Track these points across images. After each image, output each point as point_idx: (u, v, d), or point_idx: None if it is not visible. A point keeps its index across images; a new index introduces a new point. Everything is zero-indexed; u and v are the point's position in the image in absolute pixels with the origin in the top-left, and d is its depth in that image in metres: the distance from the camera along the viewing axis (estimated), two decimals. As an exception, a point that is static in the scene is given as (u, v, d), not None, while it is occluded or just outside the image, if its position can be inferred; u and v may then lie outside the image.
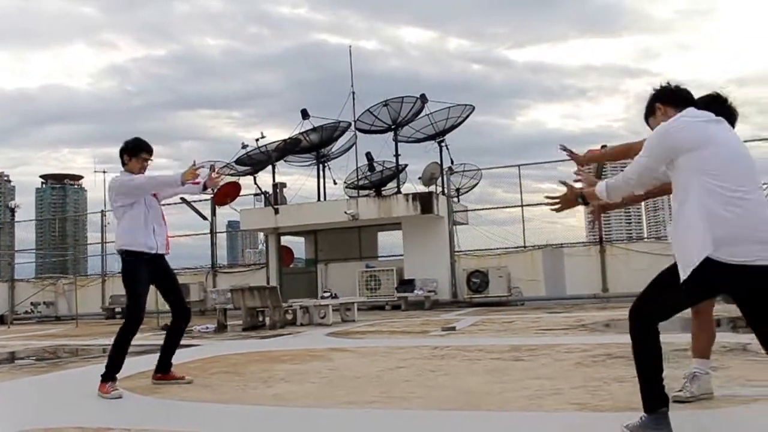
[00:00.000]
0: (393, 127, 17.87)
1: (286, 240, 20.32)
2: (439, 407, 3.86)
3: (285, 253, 20.26)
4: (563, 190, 3.24)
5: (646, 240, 17.30)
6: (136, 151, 5.07)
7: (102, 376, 4.67)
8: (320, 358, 6.57)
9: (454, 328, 9.58)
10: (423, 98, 18.17)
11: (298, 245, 21.83)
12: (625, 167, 3.07)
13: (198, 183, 5.09)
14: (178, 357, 5.41)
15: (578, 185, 3.31)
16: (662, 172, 2.88)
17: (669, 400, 2.86)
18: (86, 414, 4.24)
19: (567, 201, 3.24)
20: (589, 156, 3.79)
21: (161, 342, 5.31)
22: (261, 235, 22.38)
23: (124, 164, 5.11)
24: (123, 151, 5.10)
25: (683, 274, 2.68)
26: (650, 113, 3.04)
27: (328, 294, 12.87)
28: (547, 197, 3.36)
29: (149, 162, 5.15)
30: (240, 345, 8.55)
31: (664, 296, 2.85)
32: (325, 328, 10.90)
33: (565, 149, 3.67)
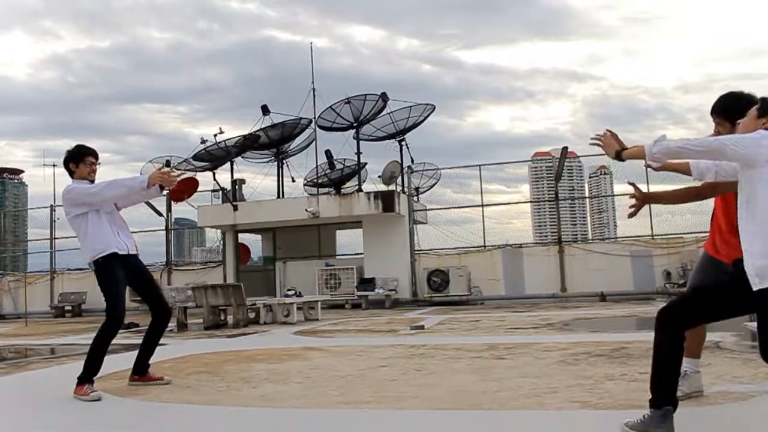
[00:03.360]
0: (355, 125, 17.75)
1: (241, 238, 19.98)
2: (438, 407, 3.79)
3: (241, 251, 19.93)
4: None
5: (606, 241, 17.57)
6: (80, 157, 4.81)
7: (79, 377, 4.45)
8: (297, 358, 6.44)
9: (423, 327, 9.56)
10: (384, 97, 18.13)
11: (253, 243, 21.53)
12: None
13: (154, 185, 4.67)
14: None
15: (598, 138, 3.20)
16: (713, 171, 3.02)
17: (677, 402, 2.85)
18: (66, 417, 4.02)
19: (607, 144, 3.13)
20: (650, 195, 3.75)
21: (126, 342, 5.09)
22: (210, 233, 21.98)
23: (71, 173, 4.83)
24: (67, 161, 4.83)
25: (759, 283, 2.62)
26: (740, 115, 2.98)
27: (292, 292, 12.69)
28: (595, 137, 3.22)
29: (97, 166, 4.90)
30: (207, 344, 8.33)
31: (709, 305, 2.87)
32: (291, 327, 10.75)
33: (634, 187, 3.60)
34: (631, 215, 3.62)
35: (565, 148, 16.67)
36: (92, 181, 4.82)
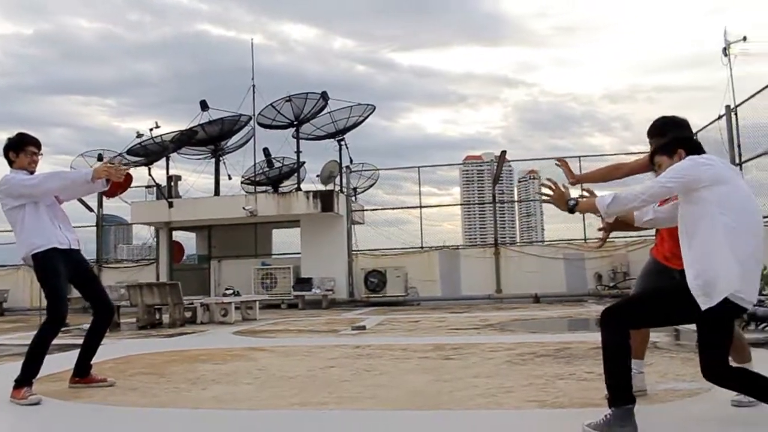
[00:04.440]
0: (295, 123, 17.57)
1: (174, 235, 19.47)
2: (397, 407, 3.79)
3: (175, 249, 19.43)
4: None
5: (539, 244, 17.99)
6: (21, 146, 4.54)
7: (16, 380, 4.21)
8: (242, 358, 6.32)
9: (364, 327, 9.54)
10: (324, 96, 18.03)
11: (186, 241, 21.01)
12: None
13: (100, 179, 4.45)
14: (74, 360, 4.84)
15: (548, 192, 3.41)
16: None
17: (635, 399, 2.95)
18: (3, 424, 3.82)
19: (557, 198, 3.34)
20: (581, 176, 3.97)
21: (59, 342, 4.84)
22: (138, 229, 21.33)
23: (10, 163, 4.57)
24: (7, 150, 4.57)
25: (707, 302, 2.81)
26: (666, 152, 3.22)
27: (231, 291, 12.45)
28: (543, 185, 3.40)
29: (39, 156, 4.64)
30: (146, 344, 8.06)
31: (654, 309, 3.00)
32: (229, 327, 10.55)
33: (561, 162, 3.85)
34: (600, 244, 3.99)
35: (503, 152, 16.99)
36: (32, 172, 4.56)
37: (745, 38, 13.45)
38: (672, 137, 3.36)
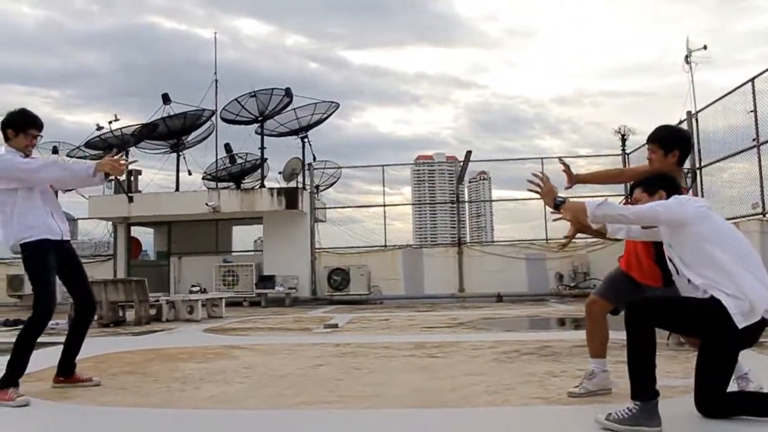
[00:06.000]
0: (260, 119, 17.36)
1: (132, 231, 19.01)
2: (405, 406, 3.76)
3: (132, 245, 18.99)
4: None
5: (499, 243, 18.20)
6: (23, 126, 4.27)
7: (1, 380, 4.03)
8: (224, 357, 6.20)
9: (337, 326, 9.49)
10: (288, 92, 17.85)
11: (143, 237, 20.54)
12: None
13: (101, 172, 4.27)
14: (53, 357, 4.67)
15: (538, 185, 3.52)
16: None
17: (659, 393, 3.01)
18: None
19: (545, 194, 3.47)
20: (581, 176, 4.03)
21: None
22: (84, 225, 20.73)
23: (7, 139, 4.31)
24: (6, 126, 4.30)
25: (744, 321, 2.96)
26: (647, 191, 3.37)
27: (197, 288, 12.22)
28: (531, 181, 3.50)
29: (38, 140, 4.44)
30: (116, 342, 7.83)
31: (679, 316, 3.11)
32: (196, 324, 10.37)
33: (562, 162, 3.89)
34: (563, 246, 4.08)
35: (469, 152, 17.13)
36: (27, 155, 4.31)
37: (705, 47, 13.88)
38: (656, 178, 3.45)
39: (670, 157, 3.65)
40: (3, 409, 3.87)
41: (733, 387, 3.25)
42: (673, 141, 3.68)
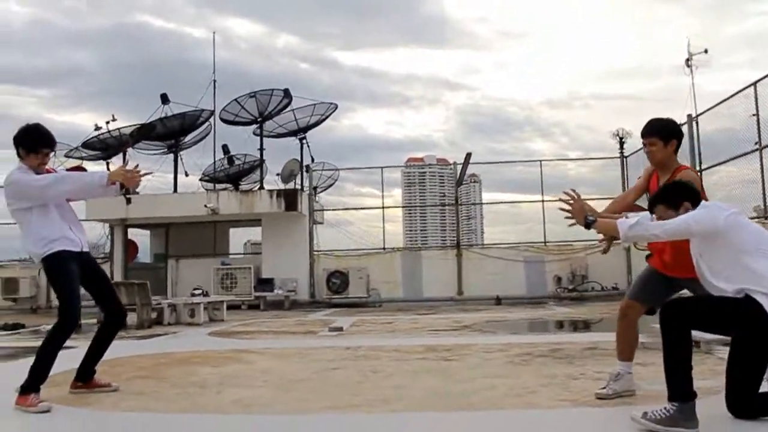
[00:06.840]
0: (259, 120, 17.31)
1: (129, 233, 18.90)
2: (431, 409, 3.76)
3: (129, 247, 18.87)
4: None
5: (498, 246, 18.21)
6: (34, 146, 4.18)
7: (22, 386, 3.97)
8: (236, 361, 6.18)
9: (342, 329, 9.46)
10: (288, 93, 17.81)
11: (139, 239, 20.41)
12: None
13: (114, 183, 4.27)
14: (65, 362, 4.47)
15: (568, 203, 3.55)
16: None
17: (696, 394, 3.02)
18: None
19: (576, 212, 3.55)
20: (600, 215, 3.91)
21: (26, 345, 4.58)
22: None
23: (19, 156, 4.26)
24: (18, 143, 4.22)
25: None
26: (672, 206, 3.31)
27: (199, 292, 12.17)
28: (562, 199, 3.53)
29: (49, 158, 4.35)
30: (124, 346, 7.74)
31: (714, 316, 3.14)
32: (200, 328, 10.32)
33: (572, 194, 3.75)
34: (605, 251, 4.02)
35: (468, 154, 17.12)
36: (39, 172, 4.26)
37: (706, 51, 13.96)
38: (674, 190, 3.40)
39: (669, 147, 3.79)
40: (26, 415, 3.84)
41: (764, 387, 3.26)
42: (669, 131, 3.84)
